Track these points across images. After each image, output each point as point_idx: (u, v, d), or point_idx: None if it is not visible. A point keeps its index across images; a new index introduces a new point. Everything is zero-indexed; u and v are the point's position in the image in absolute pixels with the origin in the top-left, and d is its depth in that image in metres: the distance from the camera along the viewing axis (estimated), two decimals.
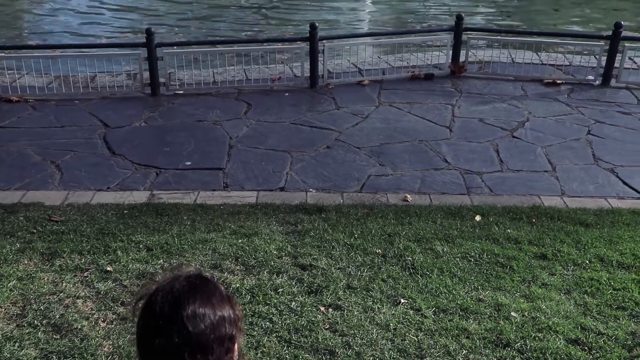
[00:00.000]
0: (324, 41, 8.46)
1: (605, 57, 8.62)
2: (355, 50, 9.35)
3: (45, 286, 4.26)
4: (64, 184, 6.05)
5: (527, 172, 6.48)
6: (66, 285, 4.28)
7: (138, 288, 4.17)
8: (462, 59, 8.89)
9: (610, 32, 8.51)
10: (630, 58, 9.10)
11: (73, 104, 7.89)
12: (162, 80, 8.22)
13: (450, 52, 8.87)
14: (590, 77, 8.80)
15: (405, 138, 7.09)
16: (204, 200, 5.72)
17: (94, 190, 5.92)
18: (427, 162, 6.60)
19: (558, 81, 8.71)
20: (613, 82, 8.66)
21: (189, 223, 5.21)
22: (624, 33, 8.60)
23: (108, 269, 4.48)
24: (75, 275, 4.42)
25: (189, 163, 6.52)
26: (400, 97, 8.18)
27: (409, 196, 5.88)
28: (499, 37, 9.82)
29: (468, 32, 8.94)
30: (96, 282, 4.32)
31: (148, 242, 4.83)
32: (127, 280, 4.35)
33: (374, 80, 8.63)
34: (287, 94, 8.27)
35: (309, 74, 8.41)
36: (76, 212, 5.39)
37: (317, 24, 8.30)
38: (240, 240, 4.89)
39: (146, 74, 8.15)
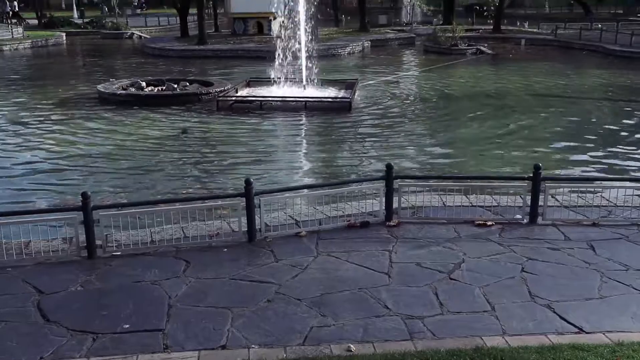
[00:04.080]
0: (260, 195, 8.64)
1: (530, 197, 9.04)
2: (291, 203, 9.54)
3: None
4: None
5: (467, 313, 6.56)
6: None
7: None
8: (395, 205, 9.16)
9: (531, 174, 8.98)
10: (552, 196, 9.56)
11: (5, 272, 7.69)
12: (98, 242, 8.16)
13: (384, 199, 9.15)
14: (518, 217, 9.17)
15: (345, 287, 7.14)
16: None
17: None
18: (368, 309, 6.62)
19: (488, 222, 9.03)
20: (540, 220, 9.03)
21: None
22: (544, 174, 9.10)
23: None
24: None
25: (127, 326, 6.37)
26: (337, 246, 8.30)
27: (352, 346, 5.85)
28: (429, 183, 10.24)
29: (399, 180, 9.28)
30: None
31: None
32: None
33: (311, 231, 8.76)
34: (225, 249, 8.30)
35: (246, 229, 8.50)
36: None
37: (252, 180, 8.50)
38: None
39: (82, 237, 8.09)
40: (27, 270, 7.74)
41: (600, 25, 41.22)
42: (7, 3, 55.39)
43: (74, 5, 64.45)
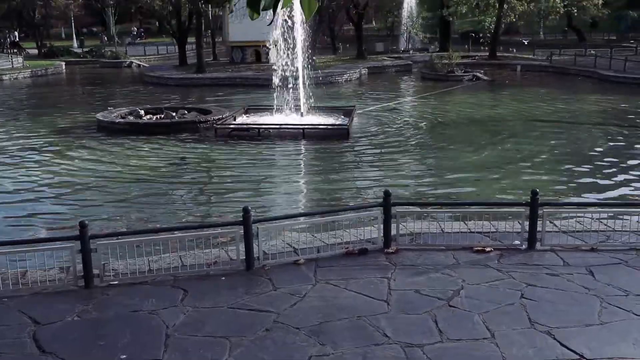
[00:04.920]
0: (258, 223, 8.61)
1: (528, 223, 9.02)
2: (289, 231, 9.52)
3: None
4: None
5: (466, 340, 6.51)
6: None
7: None
8: (393, 232, 9.14)
9: (528, 199, 8.98)
10: (550, 222, 9.55)
11: (1, 302, 7.64)
12: (96, 271, 8.12)
13: (382, 226, 9.12)
14: (517, 242, 9.15)
15: (343, 315, 7.08)
16: None
17: None
18: (367, 337, 6.56)
19: (487, 248, 9.00)
20: (538, 245, 9.00)
21: None
22: (542, 199, 9.09)
23: None
24: None
25: (124, 356, 6.31)
26: (336, 274, 8.26)
27: None
28: (427, 210, 10.22)
29: (397, 207, 9.26)
30: None
31: None
32: None
33: (309, 259, 8.73)
34: (223, 278, 8.25)
35: (244, 257, 8.47)
36: None
37: (250, 208, 8.48)
38: None
39: (79, 267, 8.04)
40: (23, 301, 7.68)
41: (594, 52, 41.53)
42: (8, 33, 55.90)
43: (74, 35, 65.01)
